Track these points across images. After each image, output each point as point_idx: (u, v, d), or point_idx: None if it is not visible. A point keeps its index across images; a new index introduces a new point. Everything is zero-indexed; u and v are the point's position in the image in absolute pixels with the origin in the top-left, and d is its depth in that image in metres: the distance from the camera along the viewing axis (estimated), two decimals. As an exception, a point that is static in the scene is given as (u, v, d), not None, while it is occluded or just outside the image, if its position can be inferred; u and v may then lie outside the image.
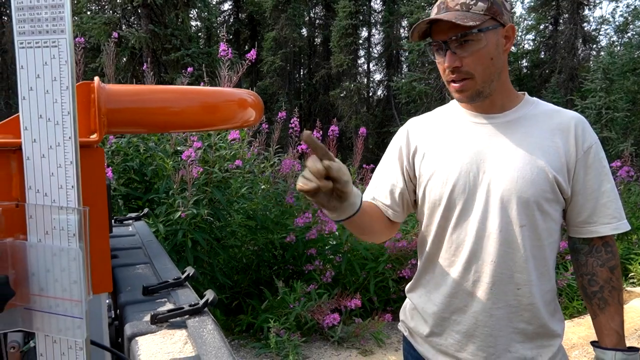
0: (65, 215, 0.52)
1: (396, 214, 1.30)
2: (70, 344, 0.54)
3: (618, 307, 1.17)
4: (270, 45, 18.16)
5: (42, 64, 0.50)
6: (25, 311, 0.55)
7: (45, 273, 0.53)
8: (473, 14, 1.09)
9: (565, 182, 1.13)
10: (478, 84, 1.14)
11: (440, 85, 13.58)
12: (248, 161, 3.96)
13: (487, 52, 1.11)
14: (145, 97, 0.66)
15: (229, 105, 0.75)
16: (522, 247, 1.14)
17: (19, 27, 0.51)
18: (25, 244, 0.54)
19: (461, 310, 1.22)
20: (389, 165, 1.33)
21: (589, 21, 23.13)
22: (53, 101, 0.51)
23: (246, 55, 4.14)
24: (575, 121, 1.16)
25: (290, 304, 3.53)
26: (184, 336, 0.75)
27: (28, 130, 0.52)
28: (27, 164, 0.53)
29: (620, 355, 1.13)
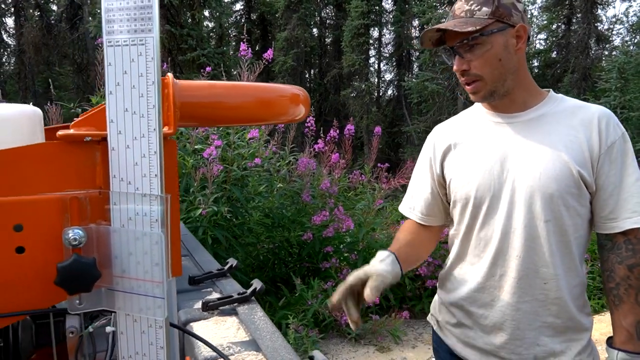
0: (149, 202, 0.56)
1: (434, 219, 1.38)
2: (150, 322, 0.58)
3: (633, 306, 1.15)
4: (282, 45, 18.24)
5: (129, 61, 0.54)
6: (108, 292, 0.59)
7: (127, 256, 0.57)
8: (476, 19, 1.14)
9: (590, 176, 1.15)
10: (489, 85, 1.18)
11: (452, 85, 13.54)
12: (266, 159, 4.01)
13: (494, 54, 1.15)
14: (210, 92, 0.69)
15: (283, 101, 0.78)
16: (546, 242, 1.16)
17: (107, 27, 0.55)
18: (109, 228, 0.58)
19: (489, 305, 1.24)
20: (421, 175, 1.40)
21: (602, 21, 22.90)
22: (139, 95, 0.54)
23: (263, 55, 4.19)
24: (599, 115, 1.16)
25: (308, 301, 3.56)
26: (235, 322, 0.79)
27: (114, 123, 0.56)
28: (112, 154, 0.57)
29: (623, 355, 1.13)
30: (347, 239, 4.27)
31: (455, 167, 1.28)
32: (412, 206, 1.41)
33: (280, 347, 0.70)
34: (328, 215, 3.99)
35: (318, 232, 4.04)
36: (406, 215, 1.44)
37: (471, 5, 1.15)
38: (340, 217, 3.99)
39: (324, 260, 4.05)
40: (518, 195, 1.17)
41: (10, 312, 0.57)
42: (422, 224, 1.40)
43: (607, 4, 23.29)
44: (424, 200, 1.37)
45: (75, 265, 0.55)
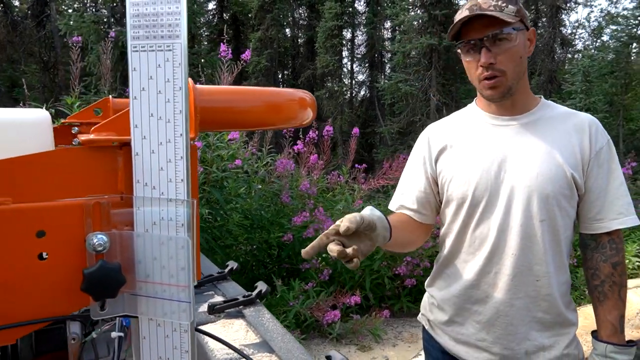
0: (175, 206, 0.56)
1: (425, 217, 1.38)
2: (174, 326, 0.58)
3: (617, 302, 1.23)
4: (256, 45, 18.15)
5: (155, 66, 0.54)
6: (130, 297, 0.59)
7: (152, 261, 0.57)
8: (506, 14, 1.16)
9: (580, 179, 1.20)
10: (509, 81, 1.21)
11: (425, 86, 13.75)
12: (245, 161, 3.99)
13: (518, 51, 1.19)
14: (224, 97, 0.70)
15: (291, 105, 0.79)
16: (541, 241, 1.21)
17: (133, 32, 0.55)
18: (132, 233, 0.58)
19: (482, 301, 1.28)
20: (413, 172, 1.41)
21: (566, 25, 23.65)
22: (165, 101, 0.55)
23: (241, 56, 4.17)
24: (589, 122, 1.23)
25: (290, 302, 3.57)
26: (243, 325, 0.80)
27: (138, 128, 0.56)
28: (135, 159, 0.57)
29: (612, 348, 1.20)
30: (326, 239, 4.29)
31: (451, 167, 1.30)
32: (403, 203, 1.40)
33: (294, 348, 0.71)
34: (308, 216, 4.00)
35: (298, 233, 4.04)
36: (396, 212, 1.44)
37: (497, 1, 1.16)
38: (321, 218, 4.00)
39: (304, 262, 4.06)
40: (516, 195, 1.21)
41: (32, 320, 0.56)
42: (413, 219, 1.40)
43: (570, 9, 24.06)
44: (416, 197, 1.38)
45: (102, 271, 0.55)
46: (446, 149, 1.34)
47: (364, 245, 1.05)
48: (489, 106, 1.31)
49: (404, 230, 1.32)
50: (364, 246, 1.05)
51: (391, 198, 1.48)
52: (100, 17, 12.63)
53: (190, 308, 0.57)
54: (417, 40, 13.74)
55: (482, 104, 1.34)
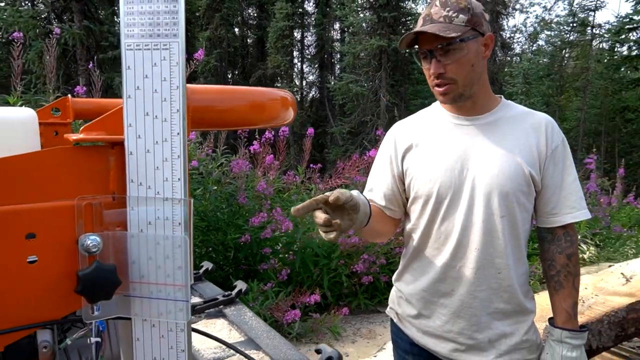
0: (171, 206, 0.56)
1: (394, 212, 1.43)
2: (170, 326, 0.58)
3: (572, 290, 1.33)
4: (205, 44, 17.82)
5: (150, 65, 0.54)
6: (123, 298, 0.58)
7: (147, 261, 0.57)
8: (455, 25, 1.21)
9: (537, 176, 1.28)
10: (460, 88, 1.26)
11: (375, 87, 14.00)
12: (201, 162, 3.92)
13: (468, 60, 1.24)
14: (211, 96, 0.70)
15: (274, 105, 0.80)
16: (502, 236, 1.27)
17: (127, 30, 0.54)
18: (125, 234, 0.57)
19: (448, 294, 1.34)
20: (381, 170, 1.45)
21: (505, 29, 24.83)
22: (162, 100, 0.54)
23: (194, 55, 4.10)
24: (546, 122, 1.31)
25: (250, 303, 3.54)
26: (225, 324, 0.79)
27: (132, 127, 0.55)
28: (129, 158, 0.56)
29: (567, 333, 1.29)
30: (284, 239, 4.29)
31: (417, 165, 1.35)
32: (371, 198, 1.44)
33: (280, 344, 0.72)
34: (266, 216, 3.98)
35: (255, 234, 4.02)
36: None
37: (448, 11, 1.21)
38: (278, 218, 4.00)
39: (262, 262, 4.04)
40: (478, 192, 1.27)
41: (22, 325, 0.54)
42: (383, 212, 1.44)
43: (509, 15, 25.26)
44: (384, 194, 1.42)
45: (97, 273, 0.54)
46: (412, 148, 1.38)
47: (344, 223, 1.12)
48: (451, 106, 1.36)
49: (378, 222, 1.36)
50: (344, 223, 1.11)
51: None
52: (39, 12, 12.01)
53: (187, 307, 0.57)
54: (366, 42, 13.97)
55: (445, 104, 1.39)
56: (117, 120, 0.57)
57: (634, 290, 2.71)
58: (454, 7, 1.22)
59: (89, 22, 10.69)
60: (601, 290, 2.78)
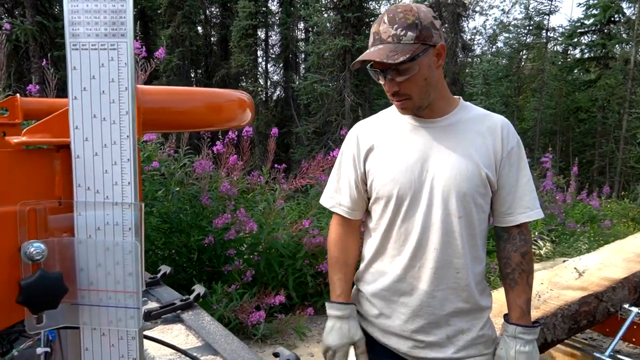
0: (121, 210, 0.54)
1: (356, 214, 1.46)
2: (121, 334, 0.56)
3: (525, 287, 1.37)
4: (167, 43, 17.47)
5: (98, 65, 0.52)
6: (70, 307, 0.56)
7: (96, 268, 0.55)
8: (404, 45, 1.21)
9: (493, 177, 1.31)
10: (416, 102, 1.29)
11: (340, 86, 14.07)
12: (162, 162, 3.84)
13: (421, 75, 1.25)
14: (166, 97, 0.68)
15: (231, 106, 0.79)
16: (460, 236, 1.30)
17: (72, 29, 0.52)
18: (73, 240, 0.55)
19: (408, 294, 1.36)
20: (345, 170, 1.46)
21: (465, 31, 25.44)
22: (110, 101, 0.53)
23: (155, 54, 4.02)
24: (502, 124, 1.34)
25: (213, 305, 3.50)
26: (182, 329, 0.77)
27: (79, 130, 0.53)
28: (76, 162, 0.54)
29: (520, 329, 1.34)
30: (248, 240, 4.25)
31: (378, 166, 1.36)
32: (338, 201, 1.46)
33: (238, 348, 0.71)
34: (230, 217, 3.94)
35: (219, 235, 3.97)
36: (332, 210, 1.49)
37: (397, 29, 1.21)
38: (242, 219, 3.96)
39: (226, 264, 3.99)
40: (436, 193, 1.29)
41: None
42: (346, 219, 1.47)
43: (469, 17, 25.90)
44: (350, 195, 1.44)
45: (42, 282, 0.52)
46: (373, 149, 1.39)
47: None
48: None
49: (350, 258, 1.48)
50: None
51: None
52: None
53: (139, 314, 0.55)
54: (330, 42, 14.03)
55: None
56: (63, 122, 0.55)
57: (586, 284, 2.83)
58: (402, 24, 1.21)
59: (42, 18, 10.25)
60: (556, 284, 2.89)
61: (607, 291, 2.78)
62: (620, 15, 21.51)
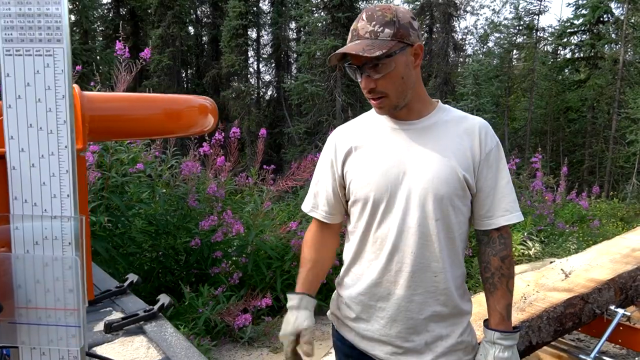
0: (60, 224, 0.52)
1: (334, 218, 1.44)
2: (62, 354, 0.54)
3: (505, 292, 1.34)
4: (157, 43, 17.37)
5: (33, 72, 0.50)
6: (7, 326, 0.53)
7: (34, 284, 0.52)
8: (381, 41, 1.19)
9: (472, 179, 1.29)
10: (393, 101, 1.27)
11: (331, 87, 14.05)
12: (149, 164, 3.80)
13: (397, 73, 1.23)
14: (120, 104, 0.66)
15: (191, 112, 0.77)
16: (437, 239, 1.28)
17: (5, 34, 0.49)
18: (9, 256, 0.52)
19: (385, 298, 1.34)
20: (323, 175, 1.44)
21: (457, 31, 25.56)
22: (46, 110, 0.50)
23: (140, 54, 3.97)
24: (480, 126, 1.32)
25: (199, 309, 3.46)
26: (144, 341, 0.75)
27: (14, 140, 0.51)
28: (12, 173, 0.51)
29: (499, 335, 1.31)
30: (236, 242, 4.22)
31: (356, 169, 1.35)
32: (316, 205, 1.45)
33: (198, 362, 0.69)
34: (216, 219, 3.90)
35: (206, 237, 3.93)
36: (309, 214, 1.48)
37: (374, 26, 1.20)
38: (229, 221, 3.93)
39: (213, 266, 3.96)
40: (413, 196, 1.27)
41: None
42: (325, 222, 1.46)
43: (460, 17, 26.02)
44: (327, 199, 1.42)
45: (-27, 300, 0.49)
46: (352, 152, 1.37)
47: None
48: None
49: (320, 259, 1.47)
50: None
51: (300, 198, 1.52)
52: None
53: (81, 332, 0.53)
54: (321, 42, 14.01)
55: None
56: (-1, 131, 0.52)
57: (572, 286, 2.82)
58: (380, 20, 1.20)
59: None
60: (542, 286, 2.88)
61: (593, 292, 2.77)
62: (609, 15, 21.70)
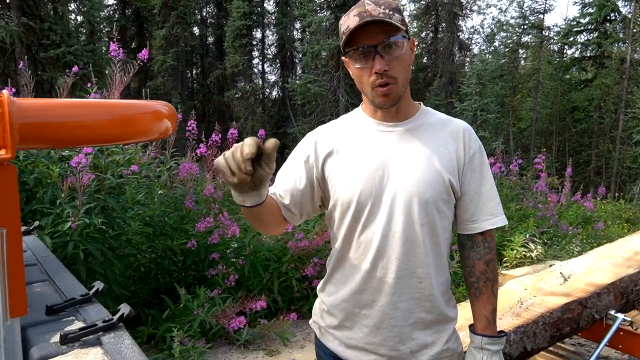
0: (-21, 239, 0.49)
1: (292, 216, 1.33)
2: (-14, 375, 0.51)
3: (490, 297, 1.32)
4: (161, 43, 17.41)
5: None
6: None
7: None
8: (394, 21, 1.17)
9: (456, 183, 1.26)
10: (400, 87, 1.23)
11: (334, 87, 14.01)
12: (144, 166, 3.78)
13: (406, 58, 1.22)
14: (57, 111, 0.63)
15: (145, 118, 0.74)
16: (422, 244, 1.24)
17: None
18: None
19: (369, 305, 1.30)
20: (294, 168, 1.34)
21: (463, 30, 25.43)
22: (-37, 119, 0.48)
23: (138, 55, 3.95)
24: (464, 129, 1.30)
25: (195, 311, 3.44)
26: (99, 354, 0.72)
27: None
28: None
29: (486, 340, 1.29)
30: (233, 244, 4.20)
31: (338, 172, 1.30)
32: (275, 193, 1.32)
33: (150, 378, 0.66)
34: (212, 221, 3.89)
35: (203, 239, 3.92)
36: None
37: (384, 9, 1.16)
38: (226, 223, 3.91)
39: (210, 268, 3.94)
40: (398, 200, 1.23)
41: None
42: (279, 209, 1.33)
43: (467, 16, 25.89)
44: (291, 194, 1.31)
45: None
46: (333, 154, 1.33)
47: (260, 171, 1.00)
48: (374, 112, 1.32)
49: (271, 210, 1.27)
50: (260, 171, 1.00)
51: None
52: None
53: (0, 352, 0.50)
54: (325, 42, 13.97)
55: (369, 110, 1.34)
56: None
57: (570, 290, 2.77)
58: (388, 6, 1.18)
59: (28, 19, 10.12)
60: (540, 290, 2.83)
61: (591, 297, 2.72)
62: (616, 13, 21.48)
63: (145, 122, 0.74)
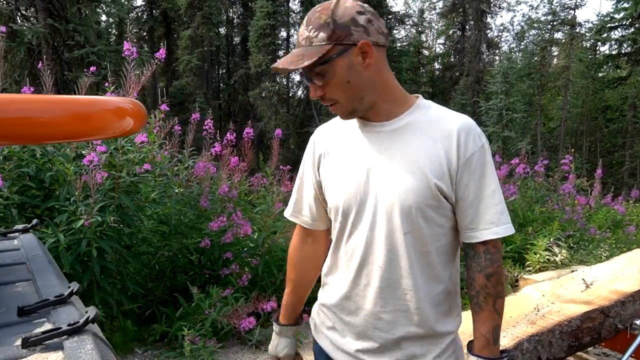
0: None
1: (318, 224, 1.38)
2: None
3: (492, 313, 1.19)
4: (187, 43, 17.63)
5: None
6: None
7: None
8: (314, 47, 1.09)
9: (448, 188, 1.15)
10: (346, 106, 1.17)
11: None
12: (159, 164, 3.80)
13: (341, 78, 1.12)
14: (6, 107, 0.60)
15: (104, 115, 0.71)
16: (406, 254, 1.16)
17: None
18: None
19: (354, 312, 1.25)
20: (304, 178, 1.37)
21: (492, 28, 24.94)
22: None
23: (155, 55, 3.98)
24: (459, 127, 1.15)
25: (206, 310, 3.44)
26: (59, 358, 0.69)
27: None
28: None
29: None
30: (248, 244, 4.19)
31: (328, 175, 1.26)
32: (299, 210, 1.39)
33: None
34: (225, 220, 3.88)
35: (217, 238, 3.92)
36: (292, 220, 1.41)
37: (310, 31, 1.10)
38: (239, 222, 3.89)
39: (223, 267, 3.94)
40: (380, 206, 1.16)
41: None
42: (309, 230, 1.39)
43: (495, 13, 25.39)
44: (308, 204, 1.35)
45: None
46: (325, 156, 1.29)
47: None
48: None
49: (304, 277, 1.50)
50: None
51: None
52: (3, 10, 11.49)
53: None
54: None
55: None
56: None
57: (592, 298, 2.63)
58: (315, 24, 1.10)
59: (54, 21, 10.37)
60: (559, 297, 2.71)
61: (615, 306, 2.58)
62: (654, 9, 20.69)
63: (104, 119, 0.71)
